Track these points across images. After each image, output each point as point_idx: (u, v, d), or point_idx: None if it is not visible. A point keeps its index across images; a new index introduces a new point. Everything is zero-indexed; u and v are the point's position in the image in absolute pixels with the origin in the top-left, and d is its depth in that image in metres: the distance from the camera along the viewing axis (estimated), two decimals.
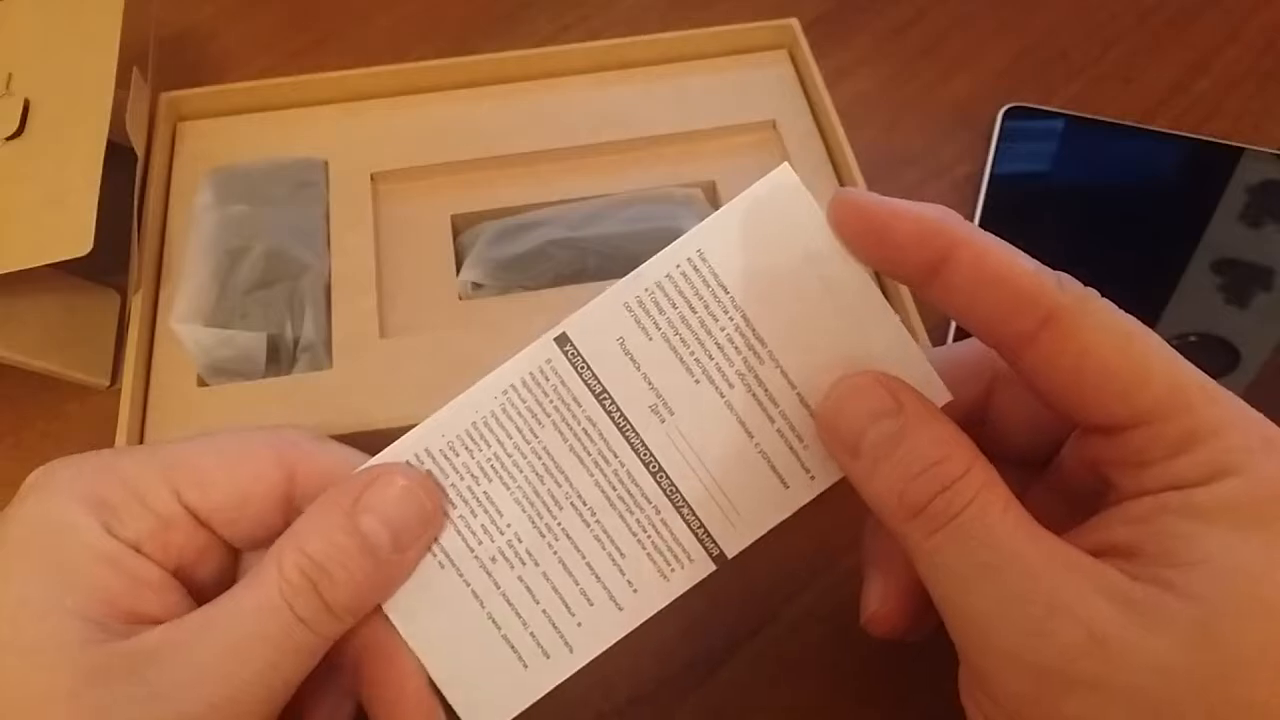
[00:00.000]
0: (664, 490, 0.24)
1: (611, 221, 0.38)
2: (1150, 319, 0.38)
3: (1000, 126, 0.44)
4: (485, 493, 0.24)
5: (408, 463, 0.24)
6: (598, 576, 0.24)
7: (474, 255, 0.37)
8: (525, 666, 0.24)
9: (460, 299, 0.37)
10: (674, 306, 0.24)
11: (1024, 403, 0.25)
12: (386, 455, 0.25)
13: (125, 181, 0.36)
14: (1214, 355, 0.37)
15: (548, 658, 0.24)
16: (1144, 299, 0.39)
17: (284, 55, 0.47)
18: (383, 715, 0.25)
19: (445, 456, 0.24)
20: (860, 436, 0.22)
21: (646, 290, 0.24)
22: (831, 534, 0.33)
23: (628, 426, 0.24)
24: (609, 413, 0.24)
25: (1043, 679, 0.20)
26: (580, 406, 0.24)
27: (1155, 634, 0.19)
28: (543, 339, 0.24)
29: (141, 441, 0.33)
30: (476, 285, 0.37)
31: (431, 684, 0.25)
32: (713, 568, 0.24)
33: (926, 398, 0.23)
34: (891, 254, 0.23)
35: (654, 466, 0.24)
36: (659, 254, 0.24)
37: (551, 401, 0.24)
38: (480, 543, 0.24)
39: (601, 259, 0.37)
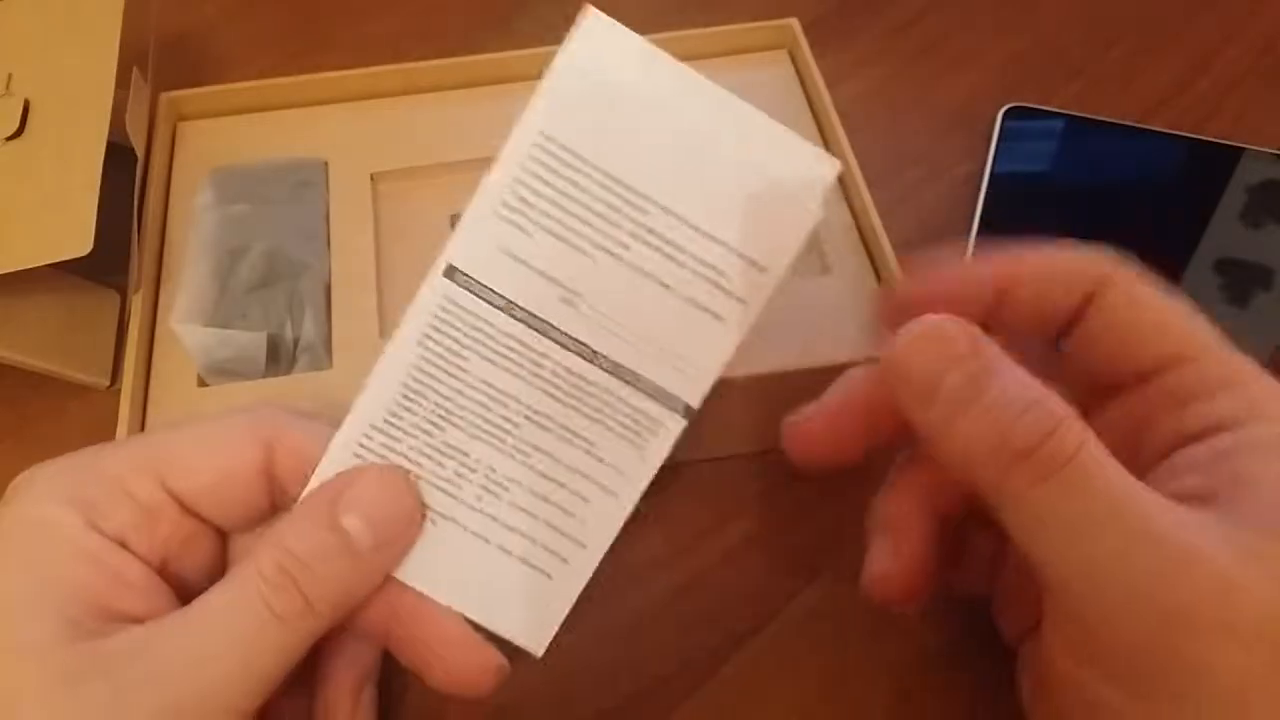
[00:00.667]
0: (605, 369, 0.24)
1: None
2: None
3: (1000, 126, 0.44)
4: (444, 442, 0.25)
5: (385, 460, 0.25)
6: (580, 472, 0.25)
7: None
8: (550, 577, 0.25)
9: None
10: (540, 196, 0.23)
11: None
12: (335, 445, 0.25)
13: (125, 181, 0.36)
14: None
15: (566, 562, 0.25)
16: None
17: (284, 55, 0.47)
18: (437, 667, 0.25)
19: (391, 425, 0.24)
20: (938, 381, 0.21)
21: (509, 191, 0.23)
22: (833, 532, 0.33)
23: (546, 325, 0.24)
24: (523, 321, 0.24)
25: (1169, 622, 0.19)
26: (494, 326, 0.24)
27: (1276, 578, 0.19)
28: (431, 279, 0.24)
29: None
30: None
31: (471, 624, 0.25)
32: (684, 422, 0.24)
33: (997, 345, 0.22)
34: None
35: (587, 352, 0.24)
36: (503, 152, 0.23)
37: (466, 334, 0.24)
38: (460, 488, 0.25)
39: None
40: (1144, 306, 0.24)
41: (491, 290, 0.24)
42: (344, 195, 0.39)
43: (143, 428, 0.33)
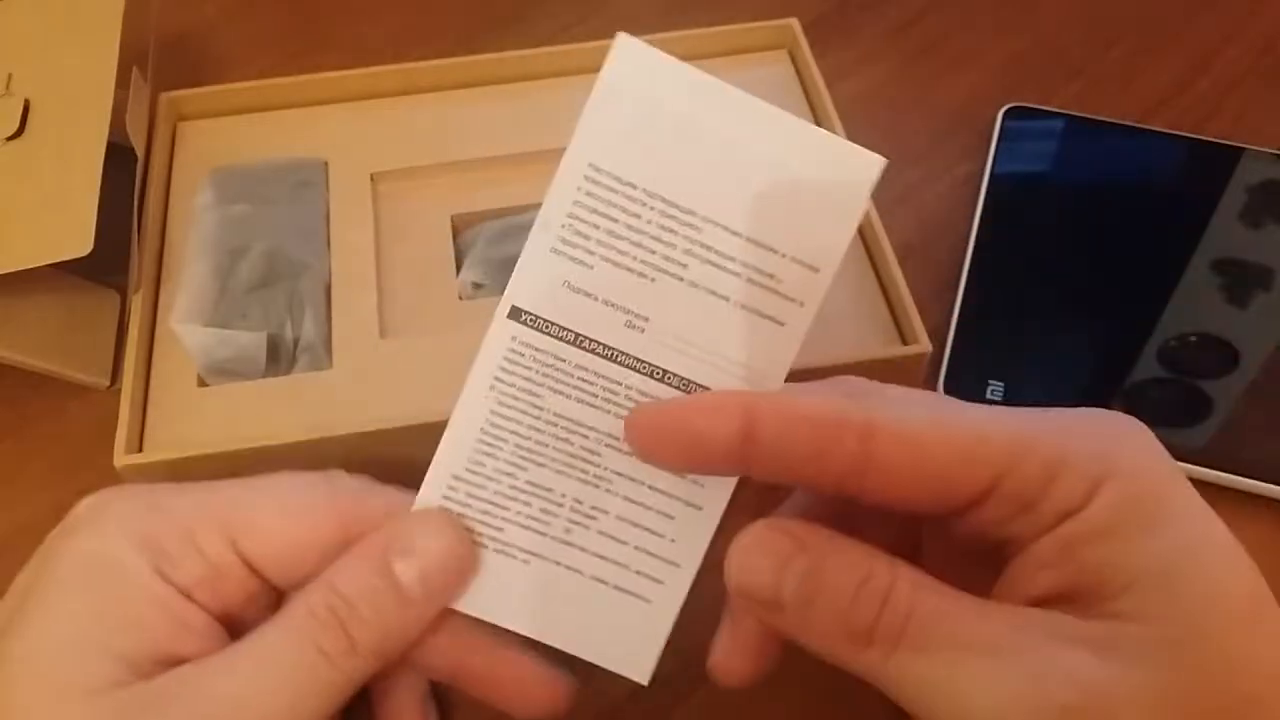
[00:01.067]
0: (677, 387, 0.24)
1: None
2: (1150, 319, 0.38)
3: (1000, 126, 0.44)
4: (528, 481, 0.25)
5: (444, 508, 0.25)
6: (663, 491, 0.25)
7: (474, 255, 0.37)
8: (648, 601, 0.25)
9: (460, 299, 0.37)
10: (595, 228, 0.23)
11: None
12: (420, 500, 0.25)
13: (125, 181, 0.36)
14: (1214, 355, 0.37)
15: (662, 583, 0.25)
16: (1144, 299, 0.39)
17: (284, 55, 0.47)
18: (516, 701, 0.26)
19: (473, 473, 0.25)
20: (778, 591, 0.22)
21: (564, 227, 0.23)
22: None
23: (615, 352, 0.24)
24: (592, 351, 0.24)
25: None
26: (564, 360, 0.24)
27: (1135, 667, 0.19)
28: (497, 322, 0.24)
29: (141, 442, 0.33)
30: (477, 285, 0.37)
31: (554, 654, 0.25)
32: None
33: (818, 527, 0.22)
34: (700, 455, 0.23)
35: (657, 373, 0.24)
36: (553, 187, 0.23)
37: (537, 372, 0.24)
38: (548, 524, 0.25)
39: None
40: (929, 451, 0.21)
41: (557, 325, 0.24)
42: (344, 195, 0.39)
43: (143, 428, 0.33)
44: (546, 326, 0.24)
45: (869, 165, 0.23)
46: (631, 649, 0.25)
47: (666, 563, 0.25)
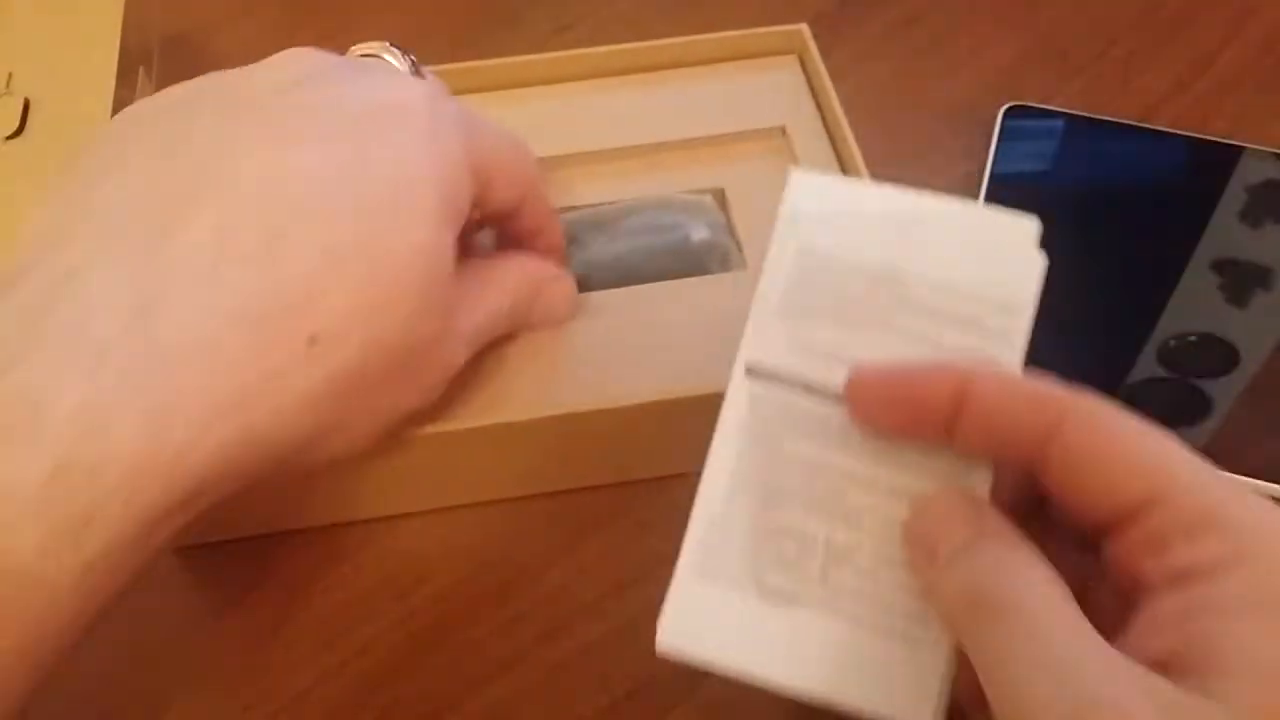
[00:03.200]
0: None
1: (615, 231, 0.38)
2: (1150, 319, 0.38)
3: (1000, 125, 0.44)
4: (780, 524, 0.25)
5: (729, 554, 0.25)
6: None
7: None
8: (916, 640, 0.24)
9: None
10: (810, 293, 0.26)
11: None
12: (684, 552, 0.25)
13: None
14: (1214, 355, 0.37)
15: (927, 620, 0.24)
16: (1144, 299, 0.39)
17: None
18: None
19: (728, 517, 0.25)
20: (937, 543, 0.23)
21: (783, 296, 0.26)
22: None
23: (843, 398, 0.25)
24: (824, 398, 0.25)
25: None
26: (799, 408, 0.25)
27: None
28: (734, 382, 0.26)
29: None
30: None
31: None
32: (990, 461, 0.25)
33: (1003, 519, 0.23)
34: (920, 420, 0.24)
35: None
36: (767, 263, 0.26)
37: (777, 419, 0.25)
38: (805, 567, 0.25)
39: (604, 273, 0.37)
40: (1106, 445, 0.22)
41: (790, 377, 0.25)
42: None
43: None
44: (780, 380, 0.25)
45: (1028, 222, 0.26)
46: (908, 693, 0.24)
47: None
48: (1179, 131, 0.44)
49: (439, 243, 0.27)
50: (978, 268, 0.26)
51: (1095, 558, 0.24)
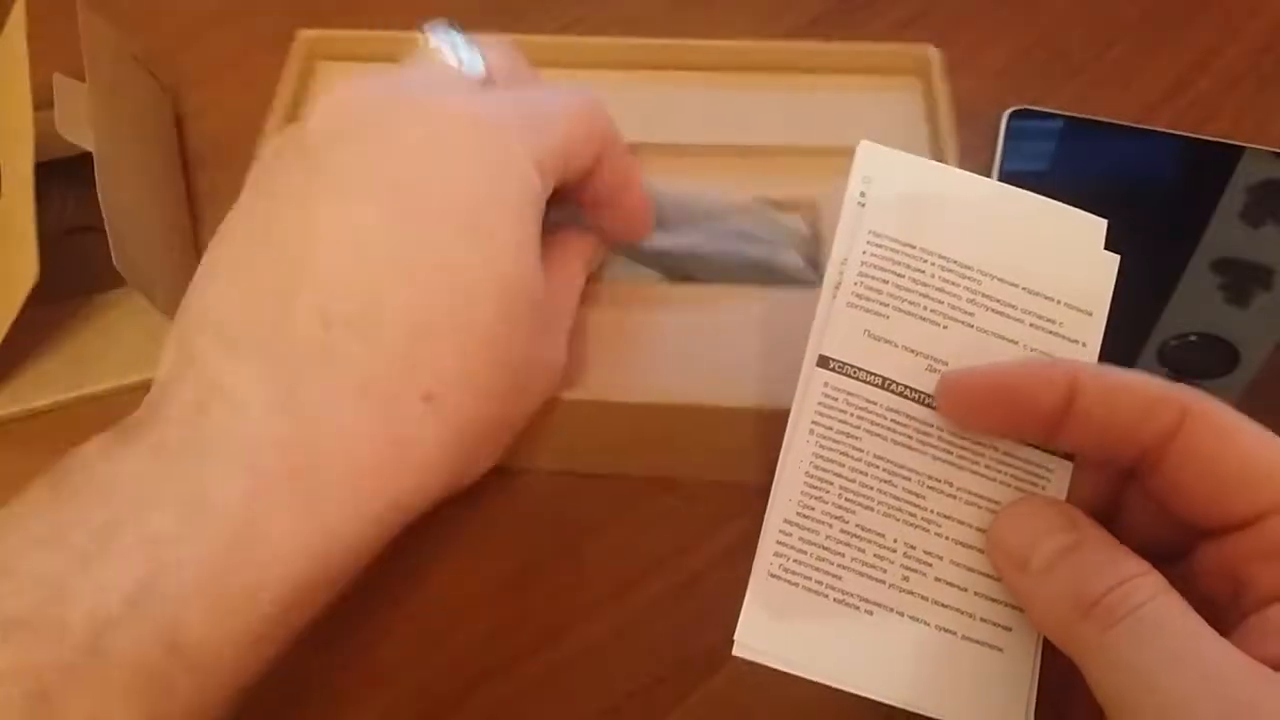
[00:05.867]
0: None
1: (707, 228, 0.36)
2: (1150, 319, 0.38)
3: (1006, 128, 0.44)
4: (858, 525, 0.25)
5: (806, 555, 0.25)
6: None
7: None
8: (1001, 650, 0.24)
9: None
10: (884, 282, 0.25)
11: (1150, 502, 0.25)
12: (761, 549, 0.25)
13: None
14: (1214, 355, 0.38)
15: (1011, 630, 0.24)
16: (1144, 299, 0.39)
17: (284, 55, 0.47)
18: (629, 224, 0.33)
19: (805, 516, 0.25)
20: (1031, 550, 0.23)
21: (856, 284, 0.25)
22: None
23: (922, 395, 0.25)
24: (900, 394, 0.25)
25: None
26: (876, 403, 0.25)
27: None
28: (806, 371, 0.25)
29: None
30: None
31: None
32: (1069, 465, 0.25)
33: (1097, 524, 0.23)
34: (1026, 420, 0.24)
35: None
36: (835, 249, 0.26)
37: (853, 415, 0.25)
38: (885, 571, 0.24)
39: (682, 261, 0.36)
40: (1232, 448, 0.22)
41: (865, 370, 0.25)
42: None
43: None
44: (854, 372, 0.25)
45: (1095, 221, 0.26)
46: (994, 704, 0.24)
47: (1010, 606, 0.24)
48: (1179, 132, 0.44)
49: (523, 263, 0.27)
50: (1050, 264, 0.25)
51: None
